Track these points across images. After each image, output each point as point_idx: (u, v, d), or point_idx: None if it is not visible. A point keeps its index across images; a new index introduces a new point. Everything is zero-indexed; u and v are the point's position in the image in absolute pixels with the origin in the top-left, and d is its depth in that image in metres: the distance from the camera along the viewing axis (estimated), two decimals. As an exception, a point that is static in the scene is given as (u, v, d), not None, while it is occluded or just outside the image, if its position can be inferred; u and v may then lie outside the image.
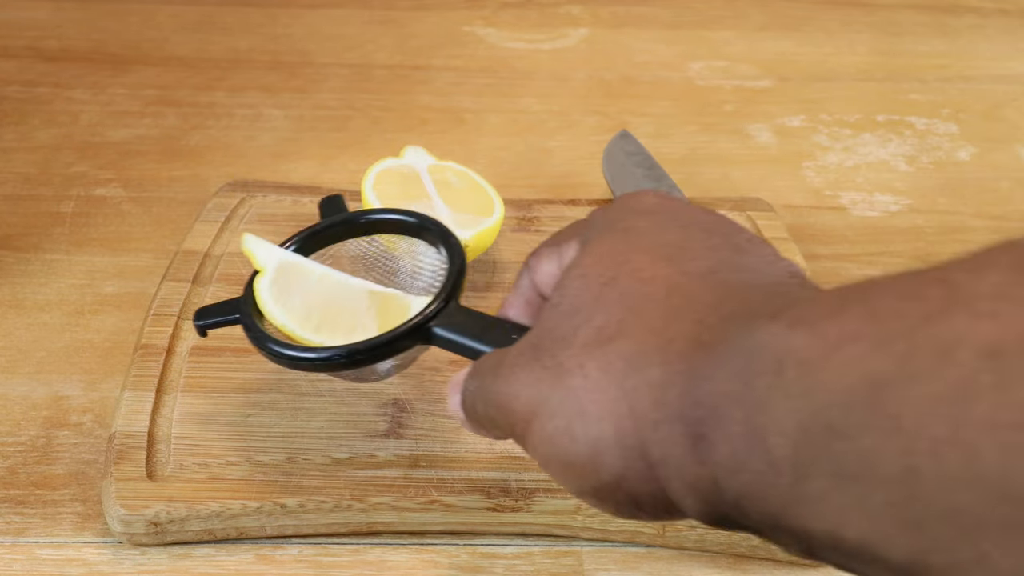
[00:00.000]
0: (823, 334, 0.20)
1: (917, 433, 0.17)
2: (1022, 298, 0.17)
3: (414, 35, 0.77)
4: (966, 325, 0.17)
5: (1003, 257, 0.18)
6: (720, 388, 0.22)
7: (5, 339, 0.49)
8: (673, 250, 0.27)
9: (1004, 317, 0.17)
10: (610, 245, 0.28)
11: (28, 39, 0.73)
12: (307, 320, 0.39)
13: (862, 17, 0.83)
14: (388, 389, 0.44)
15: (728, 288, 0.25)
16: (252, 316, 0.39)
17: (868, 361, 0.19)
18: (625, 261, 0.27)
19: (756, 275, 0.27)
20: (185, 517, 0.38)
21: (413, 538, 0.40)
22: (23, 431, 0.44)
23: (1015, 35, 0.82)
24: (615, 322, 0.26)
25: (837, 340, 0.20)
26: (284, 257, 0.40)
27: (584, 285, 0.27)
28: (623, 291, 0.26)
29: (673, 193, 0.56)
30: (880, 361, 0.18)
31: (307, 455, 0.41)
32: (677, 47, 0.78)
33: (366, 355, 0.36)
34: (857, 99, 0.73)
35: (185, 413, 0.42)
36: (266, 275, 0.40)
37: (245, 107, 0.68)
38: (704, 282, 0.26)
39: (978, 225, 0.60)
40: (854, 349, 0.19)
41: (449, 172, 0.52)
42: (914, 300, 0.19)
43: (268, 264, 0.40)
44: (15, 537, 0.40)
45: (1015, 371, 0.16)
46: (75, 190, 0.59)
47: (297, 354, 0.36)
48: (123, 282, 0.52)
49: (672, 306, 0.25)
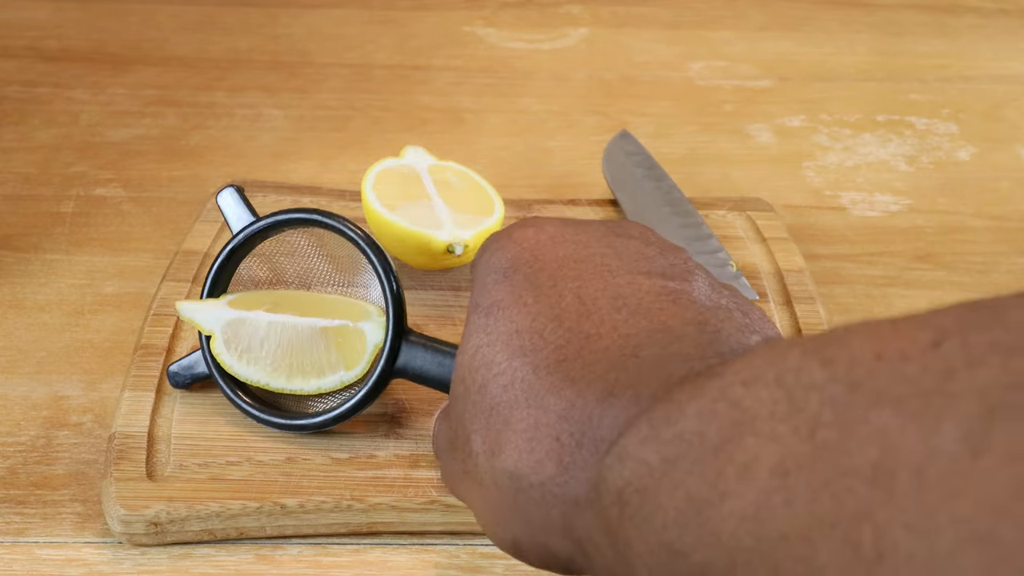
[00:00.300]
0: (647, 461, 0.22)
1: (734, 547, 0.19)
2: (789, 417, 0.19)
3: (414, 35, 0.77)
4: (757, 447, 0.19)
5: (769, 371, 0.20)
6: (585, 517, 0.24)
7: (5, 339, 0.49)
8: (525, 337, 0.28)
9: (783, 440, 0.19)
10: (475, 338, 0.29)
11: (28, 39, 0.73)
12: (276, 371, 0.40)
13: (862, 17, 0.83)
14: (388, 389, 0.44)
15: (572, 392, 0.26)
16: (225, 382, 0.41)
17: (688, 483, 0.20)
18: (487, 362, 0.28)
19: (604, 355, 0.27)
20: (185, 517, 0.38)
21: (413, 538, 0.40)
22: (23, 431, 0.44)
23: (1015, 35, 0.82)
24: (494, 437, 0.27)
25: (660, 466, 0.21)
26: (226, 316, 0.41)
27: (465, 392, 0.29)
28: (493, 401, 0.28)
29: (673, 194, 0.56)
30: (697, 483, 0.20)
31: (307, 455, 0.41)
32: (677, 47, 0.78)
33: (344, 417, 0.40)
34: (857, 99, 0.73)
35: (185, 413, 0.42)
36: (217, 339, 0.40)
37: (245, 107, 0.68)
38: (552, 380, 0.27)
39: (978, 225, 0.60)
40: (675, 473, 0.21)
41: (449, 172, 0.52)
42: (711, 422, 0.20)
43: (214, 327, 0.41)
44: (15, 537, 0.40)
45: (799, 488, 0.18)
46: (75, 190, 0.59)
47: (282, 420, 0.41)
48: (123, 282, 0.52)
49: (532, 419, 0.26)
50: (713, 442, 0.20)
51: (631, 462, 0.22)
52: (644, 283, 0.29)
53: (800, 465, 0.18)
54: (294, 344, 0.40)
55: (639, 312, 0.28)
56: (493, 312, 0.29)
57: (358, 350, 0.40)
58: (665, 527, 0.21)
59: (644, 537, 0.21)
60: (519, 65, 0.75)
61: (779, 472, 0.18)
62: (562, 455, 0.25)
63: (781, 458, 0.18)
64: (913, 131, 0.69)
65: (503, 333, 0.28)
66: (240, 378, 0.41)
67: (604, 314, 0.28)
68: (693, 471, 0.20)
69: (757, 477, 0.19)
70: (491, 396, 0.28)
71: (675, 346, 0.26)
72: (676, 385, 0.23)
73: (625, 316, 0.28)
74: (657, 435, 0.22)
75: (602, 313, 0.28)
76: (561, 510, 0.25)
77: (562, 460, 0.25)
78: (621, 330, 0.27)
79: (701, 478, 0.20)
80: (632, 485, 0.22)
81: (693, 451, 0.20)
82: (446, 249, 0.47)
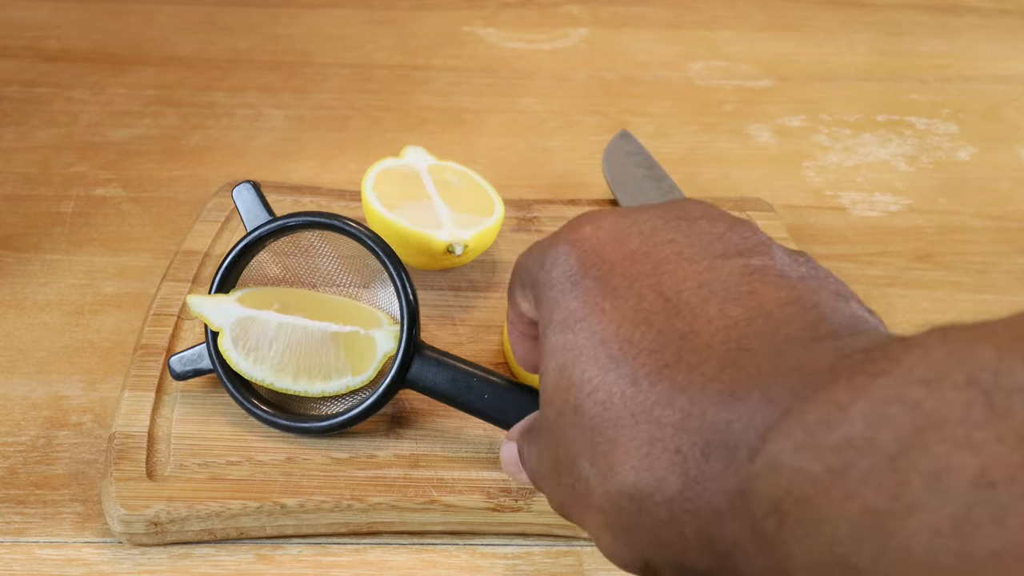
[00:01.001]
0: (807, 470, 0.20)
1: (928, 564, 0.17)
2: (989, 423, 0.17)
3: (414, 35, 0.77)
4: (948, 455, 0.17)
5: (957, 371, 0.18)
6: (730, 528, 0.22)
7: (5, 339, 0.49)
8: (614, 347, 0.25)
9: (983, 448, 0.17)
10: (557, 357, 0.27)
11: (28, 39, 0.73)
12: (283, 371, 0.40)
13: (862, 17, 0.83)
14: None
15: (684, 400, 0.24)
16: (230, 379, 0.41)
17: (863, 494, 0.18)
18: (577, 382, 0.26)
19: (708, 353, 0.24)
20: (185, 517, 0.38)
21: (413, 538, 0.40)
22: (23, 431, 0.44)
23: (1015, 35, 0.82)
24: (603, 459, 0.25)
25: (825, 475, 0.19)
26: (236, 313, 0.41)
27: (558, 416, 0.26)
28: (592, 422, 0.25)
29: (673, 194, 0.56)
30: (873, 494, 0.18)
31: (307, 455, 0.41)
32: (677, 47, 0.78)
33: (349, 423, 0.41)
34: (857, 99, 0.73)
35: (185, 413, 0.42)
36: (225, 335, 0.40)
37: (245, 107, 0.68)
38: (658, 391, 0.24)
39: (978, 225, 0.60)
40: (846, 483, 0.19)
41: (449, 172, 0.52)
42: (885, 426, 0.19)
43: (223, 324, 0.40)
44: (15, 537, 0.40)
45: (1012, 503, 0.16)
46: (75, 190, 0.59)
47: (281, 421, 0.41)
48: (123, 282, 0.52)
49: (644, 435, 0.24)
50: (890, 450, 0.18)
51: (787, 471, 0.20)
52: (724, 266, 0.26)
53: (1012, 477, 0.16)
54: (303, 346, 0.40)
55: (729, 299, 0.25)
56: (570, 326, 0.26)
57: (367, 357, 0.40)
58: (837, 541, 0.19)
59: (809, 550, 0.20)
60: (519, 65, 0.75)
61: (983, 484, 0.17)
62: (687, 468, 0.23)
63: (983, 469, 0.17)
64: (913, 131, 0.69)
65: (587, 347, 0.26)
66: (245, 376, 0.41)
67: (694, 307, 0.25)
68: (868, 481, 0.18)
69: (953, 489, 0.17)
70: (589, 417, 0.25)
71: (783, 331, 0.24)
72: (826, 383, 0.21)
73: (717, 306, 0.25)
74: (816, 441, 0.20)
75: (692, 307, 0.25)
76: (695, 526, 0.23)
77: (688, 473, 0.23)
78: (717, 323, 0.25)
79: (879, 489, 0.18)
80: (792, 495, 0.20)
81: (865, 459, 0.19)
82: (446, 249, 0.47)
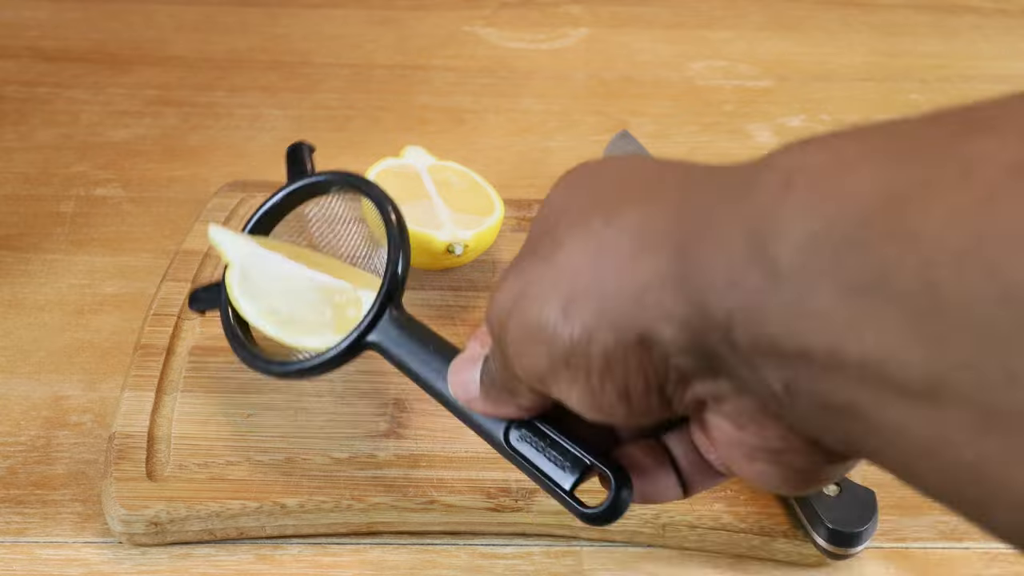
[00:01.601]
0: (839, 151, 0.19)
1: (938, 246, 0.16)
2: None
3: (414, 35, 0.77)
4: (992, 144, 0.16)
5: None
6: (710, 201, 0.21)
7: (5, 339, 0.49)
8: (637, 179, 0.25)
9: None
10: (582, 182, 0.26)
11: (28, 39, 0.73)
12: (273, 315, 0.39)
13: (862, 17, 0.83)
14: (388, 389, 0.44)
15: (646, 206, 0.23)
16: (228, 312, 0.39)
17: (886, 175, 0.18)
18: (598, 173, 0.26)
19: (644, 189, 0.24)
20: (185, 517, 0.39)
21: (413, 538, 0.40)
22: (23, 431, 0.44)
23: (1015, 35, 0.82)
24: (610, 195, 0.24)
25: (855, 157, 0.18)
26: (248, 249, 0.40)
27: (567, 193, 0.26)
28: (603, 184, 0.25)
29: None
30: (899, 175, 0.17)
31: (307, 455, 0.41)
32: (677, 47, 0.78)
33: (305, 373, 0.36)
34: (857, 99, 0.73)
35: (185, 413, 0.42)
36: (234, 268, 0.40)
37: (245, 107, 0.67)
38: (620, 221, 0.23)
39: (978, 225, 0.60)
40: (872, 164, 0.18)
41: (449, 172, 0.52)
42: (935, 125, 0.18)
43: (235, 257, 0.40)
44: (15, 537, 0.40)
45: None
46: (75, 190, 0.59)
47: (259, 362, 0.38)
48: (123, 282, 0.52)
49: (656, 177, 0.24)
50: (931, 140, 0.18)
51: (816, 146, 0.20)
52: None
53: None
54: (296, 293, 0.40)
55: None
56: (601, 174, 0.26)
57: (350, 318, 0.38)
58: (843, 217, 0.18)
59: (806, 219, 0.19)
60: (519, 65, 0.75)
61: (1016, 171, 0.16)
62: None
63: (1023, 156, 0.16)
64: (913, 131, 0.69)
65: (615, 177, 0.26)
66: (240, 312, 0.40)
67: None
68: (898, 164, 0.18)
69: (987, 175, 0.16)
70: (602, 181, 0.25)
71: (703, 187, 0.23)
72: None
73: None
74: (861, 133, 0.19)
75: None
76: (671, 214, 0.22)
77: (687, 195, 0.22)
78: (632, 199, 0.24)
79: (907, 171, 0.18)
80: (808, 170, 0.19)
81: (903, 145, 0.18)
82: (446, 249, 0.47)
